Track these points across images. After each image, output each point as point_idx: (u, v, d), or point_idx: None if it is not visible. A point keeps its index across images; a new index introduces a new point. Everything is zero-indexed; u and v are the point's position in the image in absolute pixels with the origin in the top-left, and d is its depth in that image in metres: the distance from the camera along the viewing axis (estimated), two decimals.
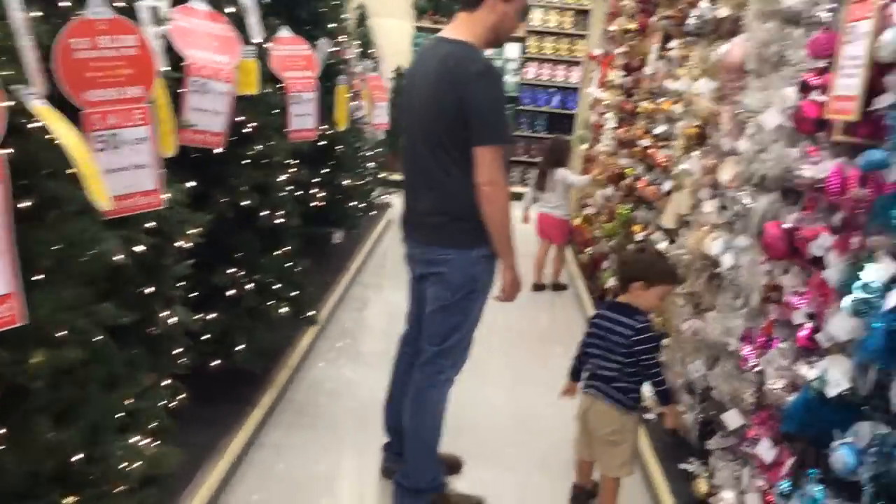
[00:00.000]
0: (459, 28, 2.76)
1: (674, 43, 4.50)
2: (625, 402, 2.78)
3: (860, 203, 2.03)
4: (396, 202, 8.11)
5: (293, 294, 3.63)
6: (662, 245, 4.05)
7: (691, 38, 4.19)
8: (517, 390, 4.32)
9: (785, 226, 2.42)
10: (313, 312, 3.95)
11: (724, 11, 3.53)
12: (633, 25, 5.74)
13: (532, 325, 5.49)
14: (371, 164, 7.15)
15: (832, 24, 2.42)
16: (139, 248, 2.48)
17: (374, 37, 9.70)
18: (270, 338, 3.64)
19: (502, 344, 4.89)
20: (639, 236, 4.62)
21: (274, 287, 3.50)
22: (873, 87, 2.02)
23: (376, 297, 5.95)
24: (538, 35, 10.20)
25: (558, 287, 6.31)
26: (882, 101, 1.99)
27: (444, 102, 2.64)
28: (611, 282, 5.32)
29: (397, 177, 3.98)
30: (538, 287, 6.22)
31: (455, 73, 2.62)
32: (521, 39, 10.28)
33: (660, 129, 4.48)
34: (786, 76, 2.72)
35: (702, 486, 2.96)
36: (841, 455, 1.88)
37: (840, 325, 2.00)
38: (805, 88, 2.44)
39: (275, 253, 3.58)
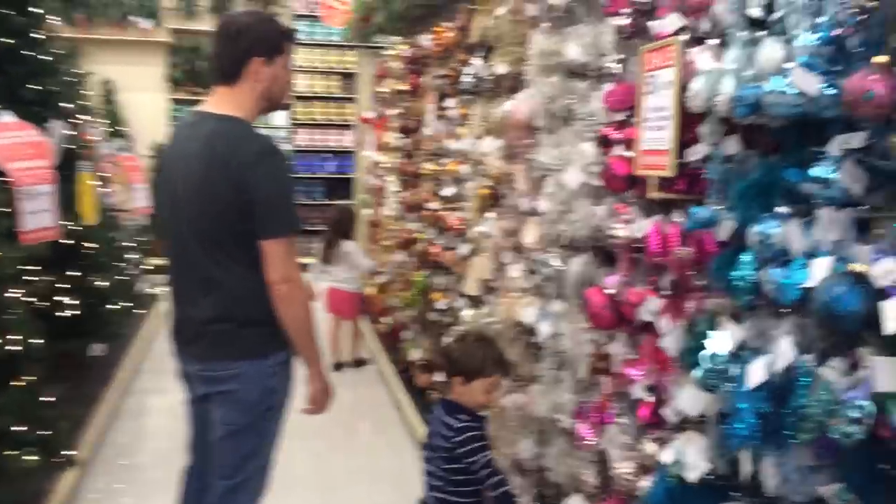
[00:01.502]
0: (224, 101, 2.31)
1: (451, 102, 4.37)
2: None
3: (687, 263, 1.88)
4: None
5: (42, 434, 2.93)
6: (468, 313, 3.82)
7: (468, 97, 4.08)
8: (335, 493, 3.85)
9: (608, 291, 2.24)
10: (72, 452, 3.23)
11: (501, 68, 3.42)
12: (404, 86, 5.60)
13: (337, 409, 5.02)
14: (134, 256, 6.39)
15: (624, 75, 2.32)
16: None
17: (124, 113, 8.90)
18: (13, 491, 2.91)
19: (306, 439, 4.39)
20: (440, 304, 4.39)
21: (15, 430, 2.80)
22: (683, 139, 1.90)
23: (159, 405, 5.19)
24: (305, 100, 9.92)
25: (360, 363, 5.93)
26: (695, 154, 1.87)
27: (215, 191, 2.20)
28: (414, 354, 5.04)
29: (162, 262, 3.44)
30: (338, 366, 5.80)
31: (228, 157, 2.19)
32: (286, 106, 9.93)
33: (448, 191, 4.31)
34: (579, 131, 2.60)
35: None
36: None
37: (688, 398, 1.82)
38: (606, 143, 2.31)
39: (15, 386, 2.89)
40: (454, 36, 4.23)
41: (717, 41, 1.82)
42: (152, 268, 7.12)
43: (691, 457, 1.79)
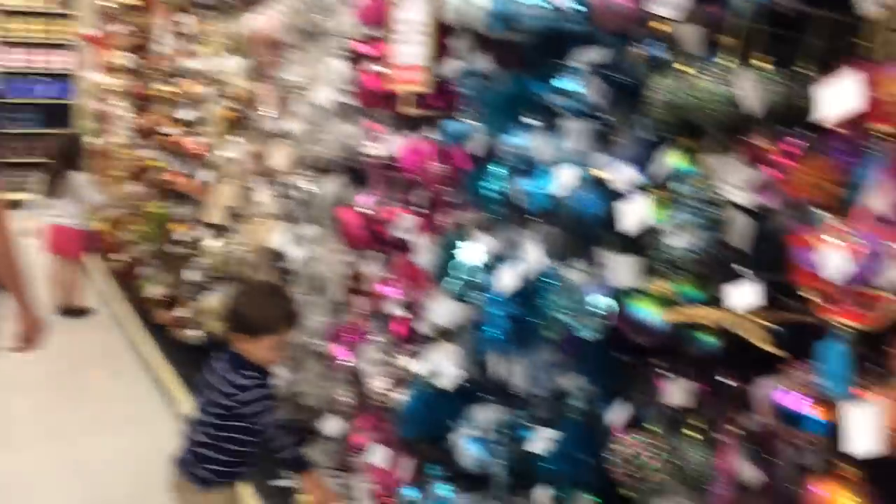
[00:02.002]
0: None
1: (186, 17, 4.04)
2: (200, 476, 2.12)
3: (441, 179, 1.91)
4: None
5: None
6: (212, 243, 3.63)
7: (206, 11, 3.79)
8: (72, 445, 3.51)
9: (361, 210, 2.22)
10: None
11: None
12: (134, 1, 5.08)
13: (66, 356, 4.58)
14: None
15: None
16: None
17: None
18: None
19: (30, 391, 3.95)
20: (180, 235, 4.12)
21: None
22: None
23: None
24: (15, 15, 8.66)
25: (80, 312, 5.34)
26: (449, 68, 1.88)
27: None
28: (152, 291, 4.71)
29: None
30: (66, 311, 5.23)
31: None
32: None
33: (186, 115, 4.01)
34: (328, 47, 2.51)
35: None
36: (466, 449, 1.75)
37: (442, 311, 1.87)
38: (357, 59, 2.26)
39: None
40: None
41: None
42: None
43: (445, 366, 1.85)
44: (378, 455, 2.17)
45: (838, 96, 0.99)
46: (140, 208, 5.03)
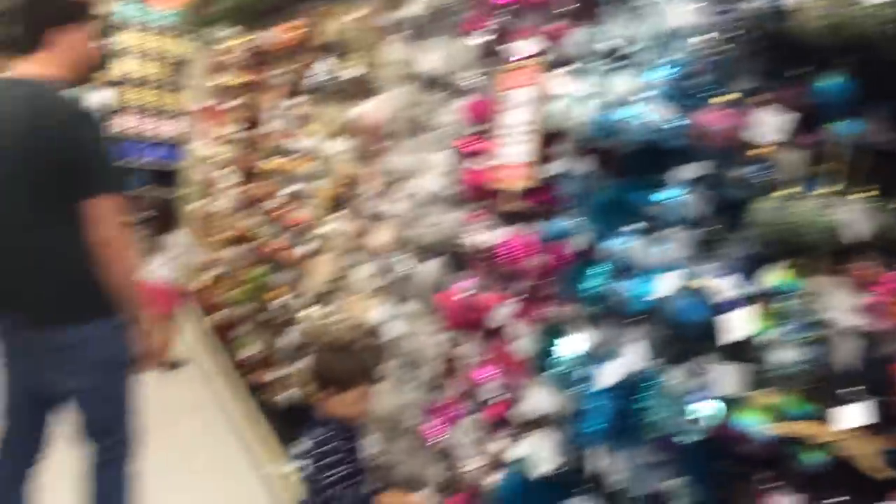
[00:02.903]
0: (30, 68, 2.29)
1: (295, 100, 4.32)
2: None
3: (542, 271, 2.00)
4: None
5: None
6: (309, 312, 3.80)
7: (314, 96, 4.05)
8: (160, 489, 3.68)
9: (461, 295, 2.33)
10: None
11: (353, 71, 3.44)
12: (246, 79, 5.45)
13: (161, 410, 4.78)
14: None
15: (481, 90, 2.42)
16: None
17: None
18: None
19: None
20: (277, 301, 4.32)
21: None
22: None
23: None
24: (134, 84, 9.33)
25: (172, 365, 5.57)
26: (551, 170, 1.99)
27: (43, 152, 2.19)
28: (247, 351, 4.93)
29: None
30: (162, 364, 5.48)
31: (53, 119, 2.19)
32: (95, 73, 9.24)
33: (290, 189, 4.25)
34: (432, 139, 2.68)
35: None
36: None
37: (540, 399, 1.94)
38: (461, 154, 2.40)
39: None
40: (301, 35, 4.18)
41: (572, 67, 1.96)
42: None
43: (541, 453, 1.92)
44: None
45: None
46: (239, 272, 5.30)
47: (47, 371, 2.37)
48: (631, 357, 1.62)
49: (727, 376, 1.38)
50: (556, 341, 1.86)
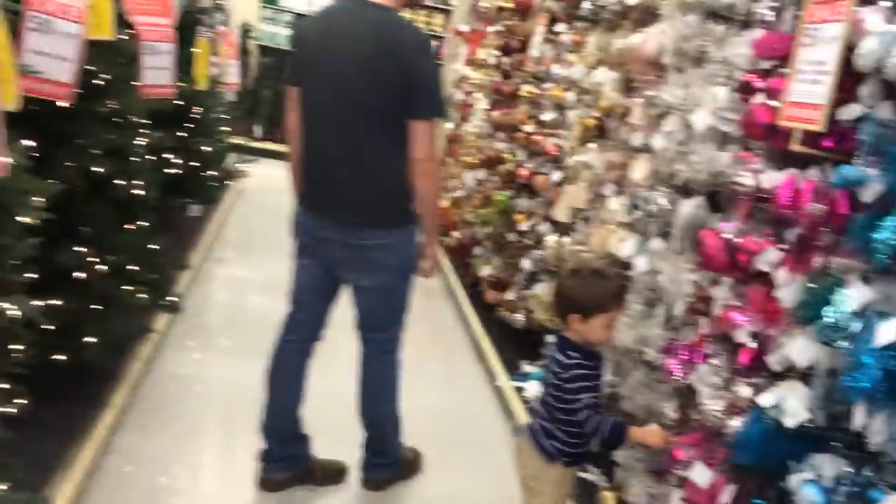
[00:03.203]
0: None
1: (562, 27, 4.33)
2: (546, 448, 2.28)
3: (817, 220, 1.90)
4: (257, 171, 7.54)
5: (151, 277, 3.12)
6: (552, 238, 3.89)
7: (584, 24, 4.03)
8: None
9: (724, 236, 2.27)
10: (175, 298, 3.44)
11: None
12: (509, 4, 5.53)
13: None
14: (225, 129, 6.54)
15: (775, 23, 2.29)
16: None
17: None
18: (124, 328, 3.12)
19: None
20: (522, 226, 4.45)
21: (130, 269, 2.97)
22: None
23: (230, 275, 5.42)
24: None
25: None
26: (850, 113, 1.86)
27: (383, 74, 2.46)
28: (485, 270, 5.15)
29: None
30: None
31: (396, 43, 2.48)
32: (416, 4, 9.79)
33: (548, 117, 4.31)
34: (710, 74, 2.58)
35: (609, 502, 2.83)
36: (807, 493, 1.76)
37: (801, 350, 1.88)
38: (746, 90, 2.30)
39: (130, 229, 3.05)
40: None
41: (890, 3, 1.80)
42: (239, 145, 7.32)
43: (792, 403, 1.86)
44: (700, 474, 2.23)
45: None
46: (484, 194, 5.50)
47: (346, 267, 2.68)
48: None
49: None
50: (830, 293, 1.78)
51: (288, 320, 2.84)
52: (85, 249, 2.82)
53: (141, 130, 3.16)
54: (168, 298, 3.40)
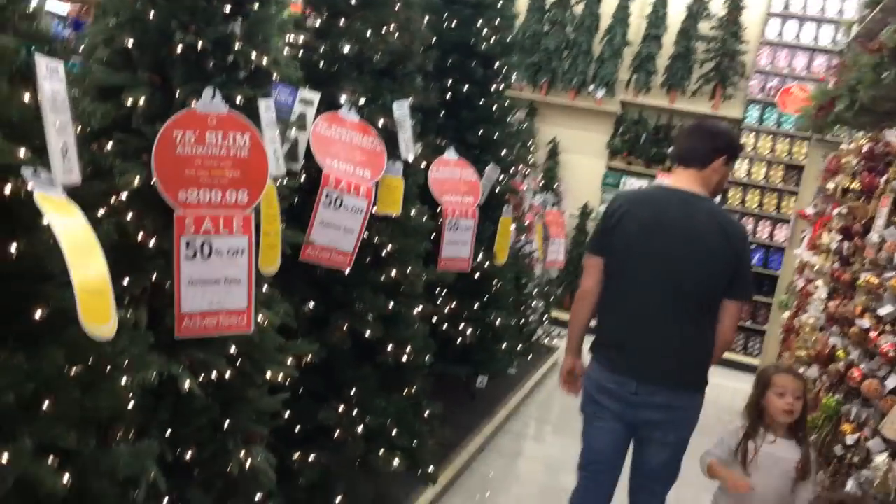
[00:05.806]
0: (692, 183, 2.84)
1: None
2: None
3: None
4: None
5: (410, 444, 3.11)
6: (880, 459, 3.14)
7: None
8: None
9: None
10: (431, 468, 3.37)
11: None
12: (854, 185, 4.94)
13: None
14: (538, 304, 6.62)
15: None
16: (214, 376, 2.14)
17: (562, 172, 9.46)
18: (376, 492, 3.13)
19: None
20: (849, 438, 3.70)
21: (388, 433, 3.00)
22: None
23: (529, 449, 5.28)
24: (740, 186, 9.35)
25: None
26: None
27: (721, 261, 2.75)
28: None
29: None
30: None
31: (730, 234, 2.77)
32: (724, 191, 9.49)
33: (885, 311, 3.63)
34: None
35: None
36: None
37: None
38: None
39: (396, 394, 3.11)
40: None
41: None
42: (557, 319, 7.36)
43: None
44: None
45: None
46: (815, 395, 4.74)
47: (656, 427, 2.87)
48: None
49: None
50: None
51: (584, 484, 3.00)
52: (345, 409, 2.92)
53: (421, 300, 3.27)
54: (426, 468, 3.32)
